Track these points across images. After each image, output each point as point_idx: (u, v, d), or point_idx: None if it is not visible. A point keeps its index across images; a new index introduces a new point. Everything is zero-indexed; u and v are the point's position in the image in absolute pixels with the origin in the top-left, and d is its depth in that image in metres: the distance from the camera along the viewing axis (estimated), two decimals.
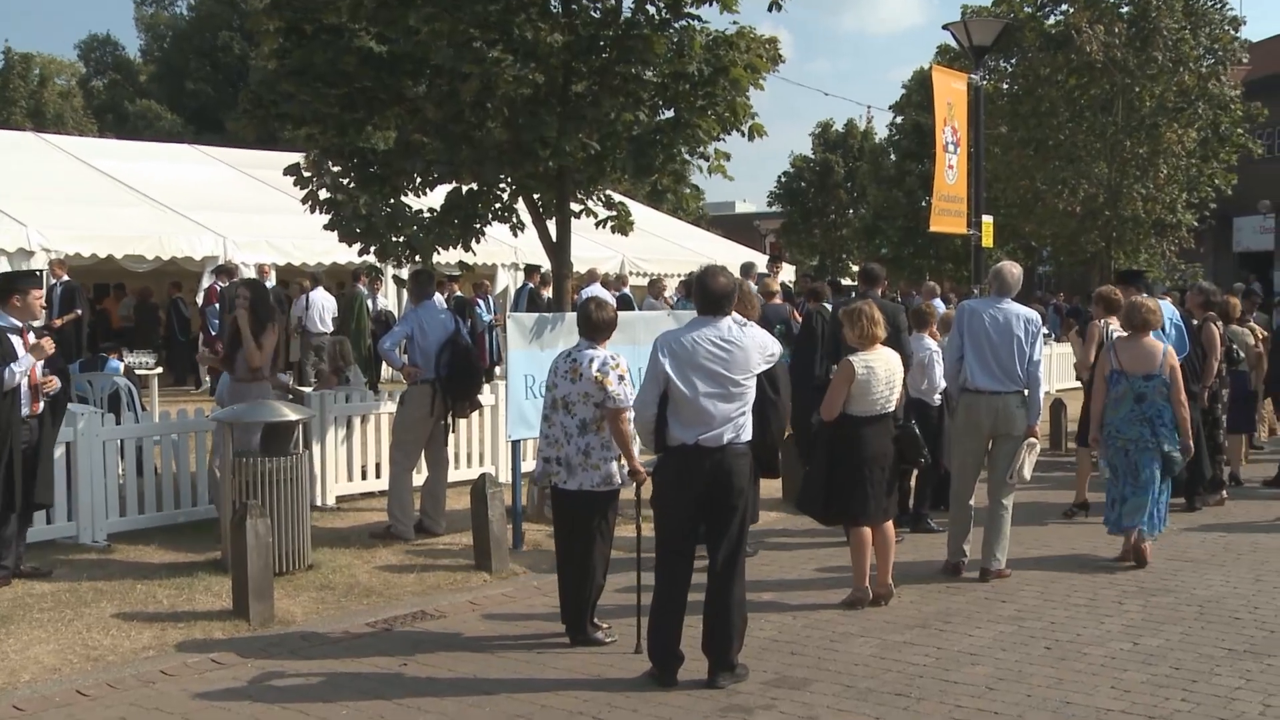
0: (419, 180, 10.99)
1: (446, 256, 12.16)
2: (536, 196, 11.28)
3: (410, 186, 11.03)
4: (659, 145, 10.57)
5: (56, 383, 7.61)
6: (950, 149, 14.86)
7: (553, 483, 6.34)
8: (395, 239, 10.81)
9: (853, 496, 7.05)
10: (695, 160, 11.15)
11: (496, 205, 11.27)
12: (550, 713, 5.42)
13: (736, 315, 5.89)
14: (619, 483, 6.31)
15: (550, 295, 14.72)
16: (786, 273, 21.80)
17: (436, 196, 11.47)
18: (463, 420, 10.10)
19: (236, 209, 19.67)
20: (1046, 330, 8.60)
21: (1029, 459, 7.74)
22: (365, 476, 10.35)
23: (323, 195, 10.84)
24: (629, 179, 12.06)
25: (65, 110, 48.40)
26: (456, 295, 17.56)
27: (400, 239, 10.83)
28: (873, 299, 8.65)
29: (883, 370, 7.08)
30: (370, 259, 11.67)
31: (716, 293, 5.77)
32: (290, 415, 7.83)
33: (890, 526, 7.26)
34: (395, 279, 15.47)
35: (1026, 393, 7.74)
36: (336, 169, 10.81)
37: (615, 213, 11.90)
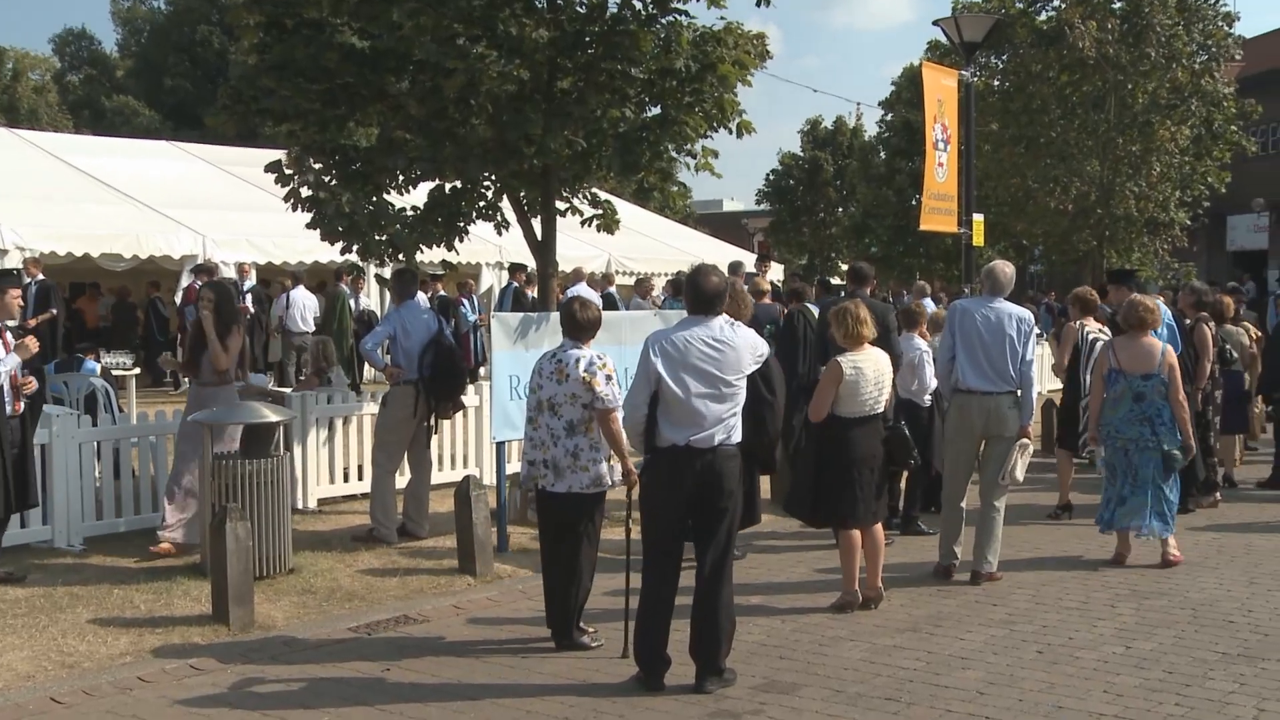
0: (402, 178, 10.91)
1: (430, 255, 12.12)
2: (521, 194, 11.21)
3: (393, 184, 10.95)
4: (645, 142, 10.50)
5: (35, 383, 7.56)
6: (940, 146, 14.82)
7: (539, 485, 6.27)
8: (378, 237, 10.73)
9: (841, 499, 7.00)
10: (682, 158, 11.08)
11: (480, 203, 11.22)
12: (536, 718, 5.37)
13: (725, 315, 5.84)
14: (609, 484, 6.26)
15: (535, 295, 14.64)
16: (775, 272, 21.72)
17: (419, 194, 11.40)
18: (446, 422, 10.07)
19: (216, 207, 19.52)
20: (1039, 330, 8.55)
21: (1021, 460, 7.68)
22: (347, 479, 10.28)
23: (304, 193, 10.75)
24: (615, 177, 12.00)
25: (40, 106, 47.96)
26: (440, 295, 17.46)
27: (383, 237, 10.75)
28: (861, 298, 8.58)
29: (871, 371, 7.02)
30: (352, 258, 11.64)
31: (709, 292, 5.73)
32: (271, 417, 7.80)
33: (880, 529, 7.22)
34: (378, 278, 15.37)
35: (1019, 393, 7.68)
36: (318, 166, 10.73)
37: (601, 211, 11.84)
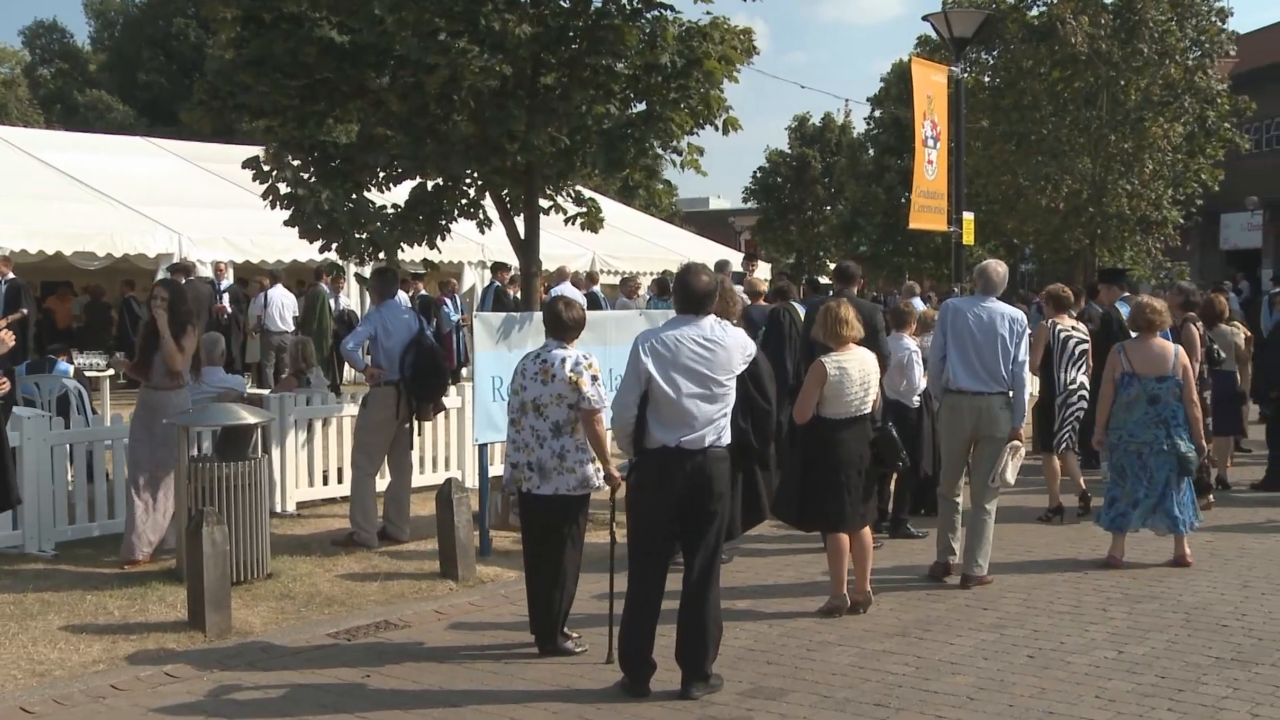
0: (382, 175, 10.81)
1: (411, 254, 12.05)
2: (504, 192, 11.14)
3: (373, 181, 10.85)
4: (630, 139, 10.44)
5: (8, 384, 7.38)
6: (930, 144, 14.77)
7: (522, 488, 6.17)
8: (358, 235, 10.62)
9: (829, 502, 6.91)
10: (668, 155, 11.06)
11: (463, 201, 11.13)
12: None
13: (713, 315, 5.78)
14: (595, 485, 6.19)
15: (518, 294, 14.53)
16: (762, 271, 21.66)
17: (401, 192, 11.31)
18: (428, 423, 9.98)
19: (192, 204, 19.29)
20: (1031, 330, 8.51)
21: (1012, 462, 7.61)
22: (327, 482, 10.17)
23: (282, 190, 10.64)
24: (599, 174, 11.96)
25: (10, 100, 46.86)
26: (422, 294, 17.36)
27: (363, 235, 10.65)
28: (848, 298, 8.50)
29: (856, 371, 6.93)
30: (332, 256, 11.55)
31: (699, 291, 5.67)
32: (249, 418, 7.69)
33: (868, 532, 7.15)
34: (358, 277, 15.21)
35: (1011, 394, 7.61)
36: (297, 163, 10.61)
37: (585, 209, 11.77)
